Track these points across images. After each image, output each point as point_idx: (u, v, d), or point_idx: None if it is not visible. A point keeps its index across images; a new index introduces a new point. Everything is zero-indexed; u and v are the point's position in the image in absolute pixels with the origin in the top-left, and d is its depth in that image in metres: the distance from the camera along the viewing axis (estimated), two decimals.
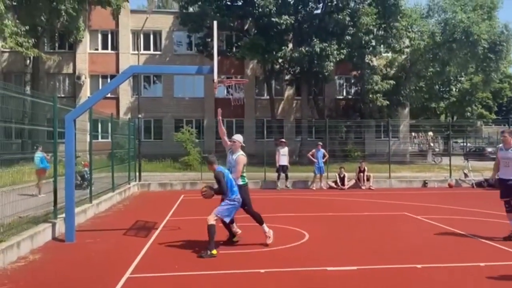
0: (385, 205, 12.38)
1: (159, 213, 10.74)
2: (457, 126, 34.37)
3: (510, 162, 7.84)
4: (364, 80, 27.62)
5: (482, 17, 27.53)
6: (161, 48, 31.71)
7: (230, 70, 31.25)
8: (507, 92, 56.45)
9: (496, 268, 6.11)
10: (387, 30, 26.66)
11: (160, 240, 7.88)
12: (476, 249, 7.24)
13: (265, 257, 6.72)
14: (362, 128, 28.32)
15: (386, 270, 6.03)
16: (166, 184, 16.90)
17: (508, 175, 7.88)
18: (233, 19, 27.49)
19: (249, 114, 31.46)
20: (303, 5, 26.36)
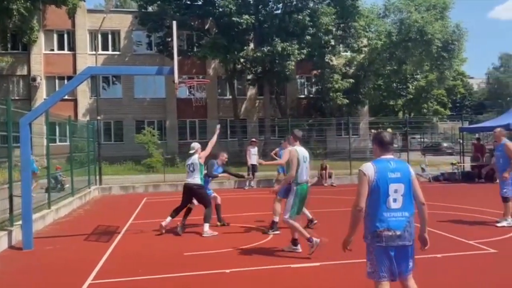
0: (347, 201, 12.62)
1: (121, 217, 10.55)
2: (414, 123, 35.49)
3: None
4: (325, 79, 28.11)
5: (435, 17, 28.59)
6: (120, 48, 31.05)
7: (192, 70, 31.00)
8: (460, 89, 58.90)
9: (452, 259, 6.39)
10: (345, 30, 27.26)
11: (122, 244, 7.75)
12: (433, 241, 7.52)
13: (230, 257, 6.74)
14: (323, 126, 28.76)
15: (347, 265, 6.17)
16: (128, 187, 16.59)
17: None
18: (193, 18, 27.34)
19: (212, 114, 31.31)
20: (263, 5, 26.53)
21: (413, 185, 3.76)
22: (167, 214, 8.83)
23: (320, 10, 25.24)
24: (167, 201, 13.90)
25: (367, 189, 3.73)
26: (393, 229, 3.65)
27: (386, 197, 3.68)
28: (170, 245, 7.63)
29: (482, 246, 6.99)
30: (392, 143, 3.91)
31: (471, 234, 7.76)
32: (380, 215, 3.68)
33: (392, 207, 3.68)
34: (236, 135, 28.79)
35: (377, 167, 3.74)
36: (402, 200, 3.70)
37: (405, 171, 3.75)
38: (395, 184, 3.69)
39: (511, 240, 7.48)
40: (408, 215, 3.70)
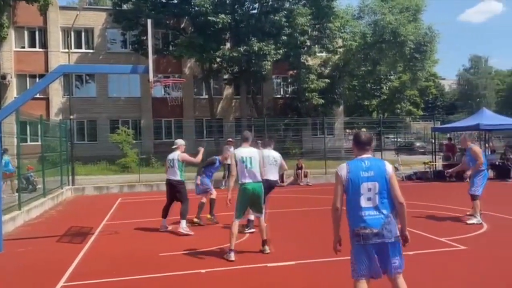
0: (322, 200, 12.77)
1: (95, 217, 10.37)
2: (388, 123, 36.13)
3: None
4: (300, 79, 28.30)
5: (408, 19, 29.13)
6: (94, 46, 30.49)
7: (167, 69, 30.72)
8: (432, 90, 60.34)
9: (424, 256, 6.53)
10: (321, 31, 27.50)
11: (96, 245, 7.63)
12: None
13: (206, 256, 6.71)
14: (299, 126, 28.96)
15: (323, 264, 6.24)
16: (102, 188, 16.31)
17: None
18: (169, 17, 27.08)
19: (188, 113, 31.10)
20: (240, 4, 26.50)
21: (390, 184, 3.77)
22: (142, 214, 8.74)
23: (296, 11, 25.37)
24: (142, 201, 13.78)
25: (342, 188, 3.79)
26: (370, 227, 3.67)
27: (359, 196, 3.73)
28: (145, 245, 7.56)
29: (453, 243, 7.17)
30: (368, 143, 3.94)
31: (442, 232, 7.95)
32: (356, 214, 3.74)
33: (366, 205, 3.72)
34: (212, 135, 28.70)
35: (350, 167, 3.81)
36: (377, 198, 3.72)
37: (379, 170, 3.77)
38: (368, 183, 3.72)
39: (481, 236, 7.71)
40: (385, 213, 3.71)
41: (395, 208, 3.79)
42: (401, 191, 3.85)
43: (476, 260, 6.35)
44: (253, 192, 6.65)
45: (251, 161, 6.67)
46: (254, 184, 6.67)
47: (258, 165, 6.75)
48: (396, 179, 3.85)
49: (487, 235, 7.85)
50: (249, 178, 6.64)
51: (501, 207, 10.41)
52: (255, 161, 6.71)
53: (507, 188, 15.38)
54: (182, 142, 8.96)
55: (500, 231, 8.15)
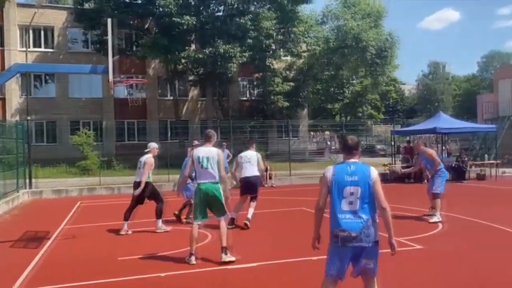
0: (286, 202, 12.90)
1: (53, 222, 10.04)
2: (350, 126, 36.87)
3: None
4: (266, 82, 28.48)
5: (370, 25, 29.88)
6: (54, 45, 29.60)
7: (131, 70, 30.17)
8: (392, 94, 62.08)
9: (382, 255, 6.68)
10: (286, 35, 27.79)
11: (53, 250, 7.40)
12: None
13: (167, 260, 6.63)
14: (265, 128, 29.14)
15: (284, 264, 6.30)
16: (61, 191, 15.83)
17: None
18: (132, 17, 26.66)
19: (152, 115, 30.67)
20: (205, 6, 26.42)
21: (374, 189, 3.80)
22: (102, 218, 8.54)
23: (261, 15, 25.55)
24: (102, 205, 13.47)
25: (326, 190, 3.86)
26: (348, 231, 3.71)
27: (341, 199, 3.78)
28: (104, 250, 7.39)
29: (409, 242, 7.38)
30: (355, 147, 3.97)
31: (400, 232, 8.12)
32: (336, 216, 3.78)
33: (347, 209, 3.76)
34: (177, 137, 28.41)
35: (336, 169, 3.88)
36: (358, 203, 3.76)
37: (363, 175, 3.81)
38: (351, 187, 3.77)
39: (436, 236, 7.98)
40: (364, 218, 3.74)
41: (376, 213, 3.85)
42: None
43: (431, 259, 6.57)
44: (206, 193, 6.41)
45: (207, 161, 6.43)
46: (208, 184, 6.43)
47: (216, 165, 6.43)
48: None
49: (442, 234, 8.13)
50: (203, 178, 6.46)
51: (457, 208, 10.81)
52: (213, 161, 6.43)
53: (463, 189, 15.99)
54: (155, 146, 8.94)
55: (456, 231, 8.47)
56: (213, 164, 6.43)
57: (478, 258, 6.58)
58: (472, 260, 6.49)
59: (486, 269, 6.02)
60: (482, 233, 8.27)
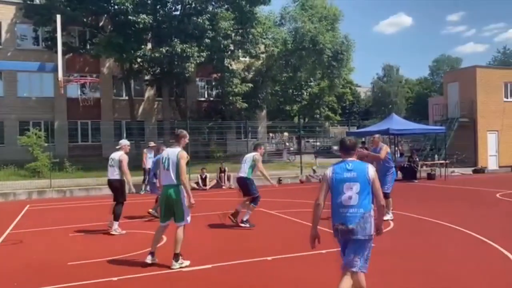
0: None
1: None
2: (308, 127, 37.54)
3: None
4: (224, 83, 28.37)
5: (327, 28, 30.42)
6: (1, 41, 28.23)
7: (84, 68, 29.24)
8: (348, 96, 63.58)
9: (336, 254, 6.81)
10: (244, 36, 27.77)
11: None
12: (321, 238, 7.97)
13: (119, 264, 6.46)
14: (223, 129, 29.05)
15: (239, 265, 6.29)
16: (8, 194, 15.10)
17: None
18: (86, 14, 25.80)
19: (106, 115, 29.84)
20: (161, 5, 25.99)
21: (373, 186, 4.12)
22: (52, 222, 8.14)
23: (219, 15, 25.41)
24: (53, 208, 12.98)
25: (326, 187, 4.19)
26: (346, 224, 4.04)
27: (341, 195, 4.09)
28: (53, 255, 7.10)
29: None
30: (352, 148, 4.34)
31: None
32: (337, 211, 4.12)
33: (347, 203, 4.06)
34: (132, 137, 27.75)
35: (335, 168, 4.22)
36: (357, 197, 4.05)
37: (361, 172, 4.13)
38: (350, 183, 4.09)
39: (387, 234, 8.18)
40: (362, 212, 4.04)
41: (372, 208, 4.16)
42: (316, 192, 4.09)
43: (380, 256, 6.74)
44: (166, 196, 6.21)
45: (168, 162, 6.19)
46: (167, 187, 6.23)
47: (175, 167, 6.11)
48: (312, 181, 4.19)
49: (393, 232, 8.38)
50: (164, 181, 6.30)
51: (408, 206, 11.19)
52: (172, 163, 6.14)
53: (414, 188, 16.58)
54: (126, 143, 8.96)
55: (406, 229, 8.75)
56: (173, 166, 6.13)
57: (427, 255, 6.83)
58: (422, 256, 6.73)
59: (435, 265, 6.25)
60: (431, 231, 8.60)
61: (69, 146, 28.09)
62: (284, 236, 8.22)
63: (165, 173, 6.24)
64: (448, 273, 5.89)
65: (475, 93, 25.59)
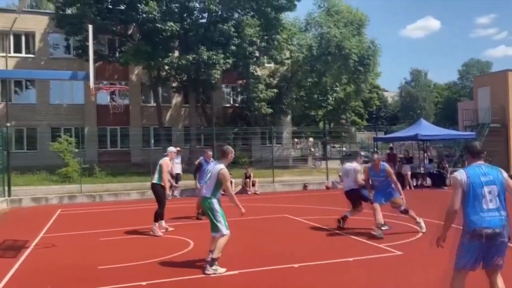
0: (269, 209, 12.91)
1: (31, 230, 9.86)
2: (334, 132, 37.26)
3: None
4: (249, 89, 28.53)
5: (352, 33, 30.24)
6: (35, 51, 29.22)
7: (114, 76, 29.96)
8: (375, 101, 62.75)
9: (363, 262, 6.76)
10: (269, 42, 27.88)
11: (31, 259, 7.26)
12: (346, 246, 7.92)
13: (149, 268, 6.57)
14: (248, 135, 29.16)
15: (265, 272, 6.30)
16: (40, 199, 15.55)
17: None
18: (115, 23, 26.46)
19: (135, 121, 30.43)
20: (188, 13, 26.40)
21: (508, 187, 4.14)
22: (82, 226, 8.36)
23: (245, 22, 25.63)
24: (83, 212, 13.29)
25: (461, 192, 4.14)
26: (493, 227, 4.02)
27: (481, 199, 4.08)
28: (83, 258, 7.28)
29: (390, 249, 7.46)
30: (482, 152, 4.35)
31: (381, 238, 8.25)
32: (479, 215, 4.07)
33: (489, 207, 4.07)
34: (160, 143, 28.18)
35: (469, 172, 4.17)
36: (497, 200, 4.08)
37: (496, 175, 4.14)
38: (488, 186, 4.09)
39: (415, 242, 8.08)
40: (504, 214, 4.08)
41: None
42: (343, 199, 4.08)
43: (409, 264, 6.65)
44: (203, 206, 6.78)
45: (209, 175, 6.59)
46: (203, 198, 6.70)
47: (211, 181, 6.51)
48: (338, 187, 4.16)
49: (422, 240, 8.22)
50: (202, 192, 6.79)
51: (438, 214, 10.95)
52: (212, 176, 6.52)
53: (443, 196, 16.21)
54: (173, 150, 9.76)
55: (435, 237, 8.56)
56: (211, 180, 6.48)
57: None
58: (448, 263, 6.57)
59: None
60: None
61: (98, 152, 28.75)
62: (310, 243, 8.18)
63: (205, 185, 6.63)
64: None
65: (507, 98, 24.89)
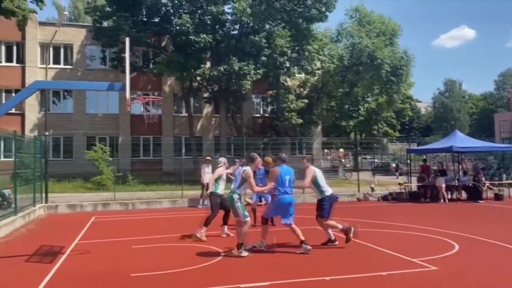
0: (299, 220, 12.74)
1: (67, 236, 10.13)
2: (365, 143, 36.75)
3: None
4: (280, 99, 28.58)
5: (385, 43, 29.92)
6: (73, 62, 30.28)
7: (147, 87, 30.67)
8: (408, 112, 61.64)
9: (397, 276, 6.60)
10: (300, 53, 27.93)
11: (66, 265, 7.44)
12: (379, 259, 7.76)
13: (179, 277, 6.62)
14: (278, 145, 29.11)
15: (296, 284, 6.24)
16: (75, 206, 15.98)
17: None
18: (149, 35, 27.15)
19: (167, 131, 30.98)
20: (221, 25, 26.81)
21: None
22: (116, 233, 8.52)
23: (276, 33, 25.79)
24: (116, 220, 13.56)
25: None
26: None
27: None
28: (117, 266, 7.41)
29: (424, 263, 7.25)
30: None
31: (415, 252, 8.05)
32: None
33: None
34: (191, 153, 28.57)
35: None
36: None
37: None
38: None
39: (451, 257, 7.83)
40: None
41: None
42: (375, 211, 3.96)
43: (445, 281, 6.44)
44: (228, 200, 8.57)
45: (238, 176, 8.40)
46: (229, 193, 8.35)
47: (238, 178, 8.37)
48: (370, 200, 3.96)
49: (458, 256, 7.97)
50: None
51: (473, 228, 10.61)
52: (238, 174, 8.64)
53: (479, 210, 15.69)
54: (223, 160, 10.51)
55: (471, 252, 8.30)
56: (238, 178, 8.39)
57: (493, 279, 6.43)
58: (487, 281, 6.34)
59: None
60: (498, 254, 8.09)
61: (131, 161, 29.38)
62: (341, 256, 8.06)
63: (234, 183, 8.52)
64: None
65: None
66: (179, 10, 26.59)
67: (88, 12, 30.32)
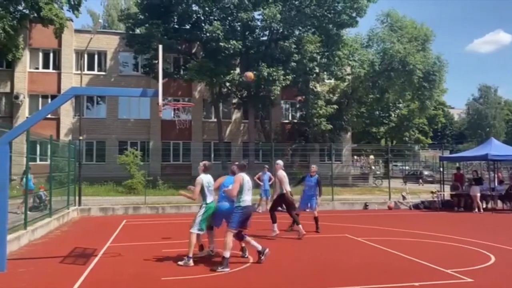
0: (328, 227, 12.65)
1: (99, 239, 10.35)
2: (396, 150, 36.04)
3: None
4: (309, 105, 28.43)
5: (417, 49, 29.33)
6: (106, 68, 31.08)
7: (178, 92, 31.12)
8: (441, 119, 60.13)
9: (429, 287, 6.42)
10: (329, 58, 27.73)
11: (99, 268, 7.60)
12: (411, 269, 7.58)
13: (209, 282, 6.65)
14: (307, 152, 28.94)
15: None
16: (107, 209, 16.33)
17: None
18: (180, 42, 27.60)
19: (196, 136, 31.32)
20: (250, 31, 26.97)
21: None
22: (146, 237, 8.62)
23: (305, 38, 25.73)
24: (146, 224, 13.77)
25: None
26: None
27: None
28: (148, 269, 7.51)
29: (458, 275, 7.04)
30: None
31: (448, 263, 7.82)
32: None
33: None
34: (220, 158, 28.76)
35: None
36: None
37: None
38: None
39: (486, 269, 7.57)
40: None
41: None
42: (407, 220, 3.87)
43: None
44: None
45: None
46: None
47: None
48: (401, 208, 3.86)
49: (494, 267, 7.70)
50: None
51: (509, 239, 10.23)
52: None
53: None
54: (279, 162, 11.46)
55: (508, 264, 8.00)
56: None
57: None
58: None
59: None
60: None
61: (162, 165, 29.81)
62: (372, 265, 7.91)
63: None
64: None
65: None
66: (209, 17, 26.93)
67: (122, 20, 31.10)
